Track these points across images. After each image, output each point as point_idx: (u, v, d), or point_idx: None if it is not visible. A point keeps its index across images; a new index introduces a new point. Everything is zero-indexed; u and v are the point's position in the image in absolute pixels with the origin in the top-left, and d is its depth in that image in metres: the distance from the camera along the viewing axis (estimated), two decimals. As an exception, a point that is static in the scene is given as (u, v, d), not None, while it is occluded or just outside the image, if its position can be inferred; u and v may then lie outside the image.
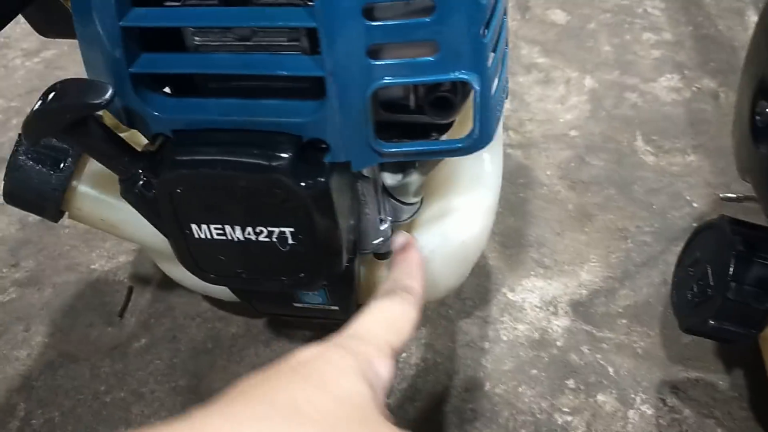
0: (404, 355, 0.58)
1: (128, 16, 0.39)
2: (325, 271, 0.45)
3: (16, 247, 0.72)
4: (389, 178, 0.49)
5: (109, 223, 0.50)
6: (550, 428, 0.52)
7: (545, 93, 0.83)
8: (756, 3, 0.94)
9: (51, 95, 0.39)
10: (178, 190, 0.41)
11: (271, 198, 0.40)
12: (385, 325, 0.37)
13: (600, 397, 0.54)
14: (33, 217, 0.75)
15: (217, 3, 0.39)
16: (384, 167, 0.48)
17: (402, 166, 0.48)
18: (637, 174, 0.72)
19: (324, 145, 0.40)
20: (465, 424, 0.53)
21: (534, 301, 0.61)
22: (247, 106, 0.41)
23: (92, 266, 0.69)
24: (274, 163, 0.40)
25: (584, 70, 0.85)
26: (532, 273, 0.64)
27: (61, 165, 0.47)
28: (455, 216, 0.51)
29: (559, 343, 0.58)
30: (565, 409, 0.53)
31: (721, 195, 0.64)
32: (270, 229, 0.42)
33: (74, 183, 0.49)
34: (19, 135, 0.48)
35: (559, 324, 0.59)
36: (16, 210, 0.74)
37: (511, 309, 0.61)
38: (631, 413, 0.53)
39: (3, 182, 0.48)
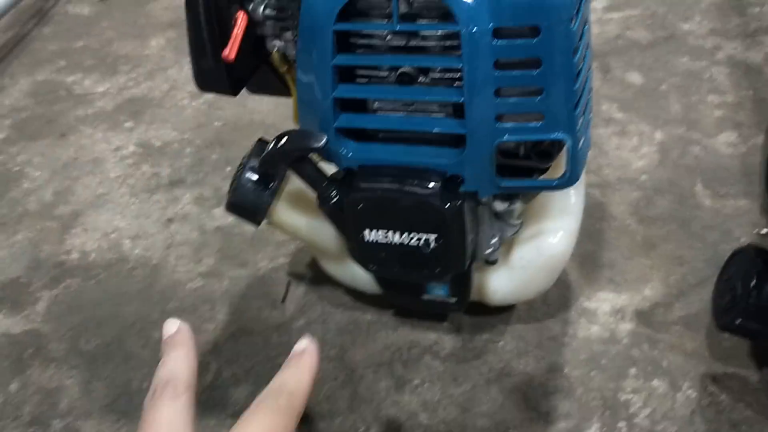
0: (500, 342, 0.76)
1: (338, 90, 0.59)
2: (453, 268, 0.63)
3: (198, 248, 0.93)
4: (499, 205, 0.66)
5: (295, 228, 0.70)
6: (615, 403, 0.68)
7: (621, 143, 1.00)
8: (812, 71, 1.08)
9: (285, 139, 0.59)
10: (359, 206, 0.61)
11: (423, 214, 0.59)
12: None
13: (655, 383, 0.69)
14: (209, 225, 0.96)
15: (394, 81, 0.59)
16: (496, 196, 0.65)
17: (509, 196, 0.66)
18: (695, 213, 0.87)
19: (460, 179, 0.59)
20: (549, 396, 0.70)
21: (605, 309, 0.78)
22: (409, 150, 0.60)
23: (258, 265, 0.89)
24: (427, 191, 0.59)
25: (655, 125, 1.01)
26: (605, 288, 0.80)
27: (270, 186, 0.68)
28: (547, 236, 0.68)
29: (624, 341, 0.74)
30: (628, 390, 0.69)
31: (756, 231, 0.79)
32: (420, 235, 0.61)
33: (276, 200, 0.70)
34: (241, 164, 0.69)
35: (625, 327, 0.75)
36: (196, 220, 0.95)
37: (586, 314, 0.77)
38: (678, 395, 0.68)
39: (229, 197, 0.68)
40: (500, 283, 0.70)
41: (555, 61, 0.54)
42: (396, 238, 0.62)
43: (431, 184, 0.59)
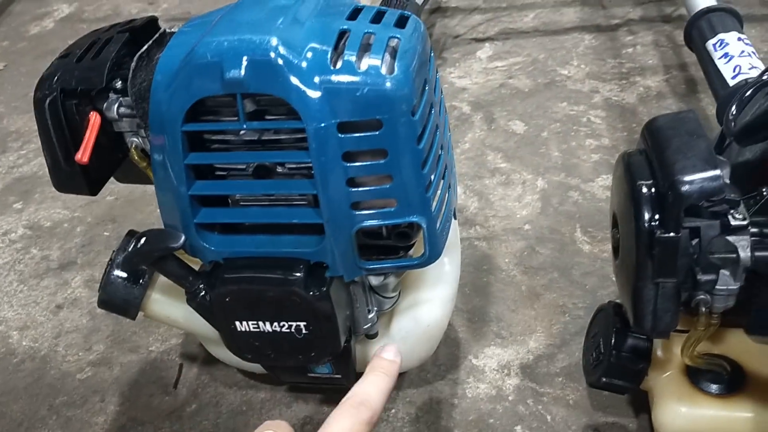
0: (392, 410, 0.76)
1: (194, 187, 0.59)
2: (328, 351, 0.63)
3: (88, 335, 0.91)
4: (374, 280, 0.67)
5: (173, 319, 0.70)
6: (502, 462, 0.70)
7: (506, 193, 1.03)
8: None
9: (143, 240, 0.59)
10: (227, 299, 0.61)
11: (290, 303, 0.60)
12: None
13: (539, 438, 0.71)
14: (101, 311, 0.94)
15: (251, 176, 0.60)
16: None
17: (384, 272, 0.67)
18: (575, 260, 0.91)
19: (325, 265, 0.60)
20: (438, 462, 0.71)
21: (493, 365, 0.79)
22: (272, 240, 0.60)
23: (150, 348, 0.88)
24: (291, 279, 0.59)
25: (537, 173, 1.05)
26: (492, 343, 0.82)
27: (141, 281, 0.67)
28: (423, 305, 0.69)
29: (510, 398, 0.76)
30: (513, 448, 0.71)
31: None
32: (290, 323, 0.61)
33: (149, 292, 0.69)
34: (110, 259, 0.68)
35: (511, 383, 0.77)
36: (86, 304, 0.93)
37: (474, 372, 0.79)
38: (561, 449, 0.70)
39: (99, 293, 0.67)
40: (383, 355, 0.71)
41: (400, 150, 0.56)
42: (267, 327, 0.62)
43: (295, 273, 0.59)
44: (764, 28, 1.31)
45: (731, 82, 0.84)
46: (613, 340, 0.61)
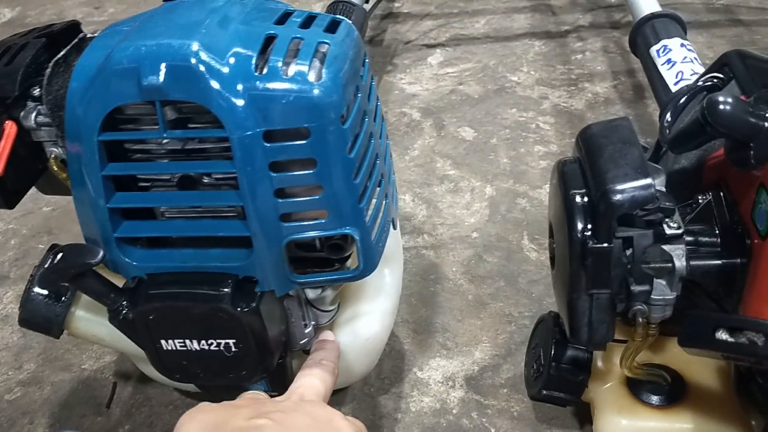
0: (334, 427, 0.74)
1: (113, 199, 0.56)
2: (260, 369, 0.61)
3: (19, 353, 0.87)
4: (311, 293, 0.65)
5: (99, 338, 0.66)
6: (445, 478, 0.68)
7: (454, 200, 1.02)
8: (628, 116, 1.14)
9: (59, 256, 0.56)
10: (151, 316, 0.58)
11: (218, 320, 0.57)
12: (321, 383, 0.57)
13: (483, 452, 0.70)
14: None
15: (176, 187, 0.57)
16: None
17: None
18: (522, 268, 0.90)
19: (254, 280, 0.57)
20: (380, 480, 0.68)
21: (437, 378, 0.78)
22: (199, 254, 0.58)
23: (83, 366, 0.84)
24: (218, 295, 0.56)
25: (486, 180, 1.04)
26: (437, 354, 0.80)
27: (63, 298, 0.64)
28: (362, 319, 0.67)
29: (454, 411, 0.74)
30: (457, 463, 0.69)
31: None
32: (218, 341, 0.58)
33: (72, 309, 0.65)
34: (31, 275, 0.64)
35: (455, 395, 0.75)
36: (15, 316, 0.89)
37: (419, 385, 0.77)
38: (506, 462, 0.69)
39: (19, 311, 0.64)
40: (321, 370, 0.68)
41: (330, 159, 0.53)
42: (195, 345, 0.59)
43: (222, 289, 0.57)
44: (710, 34, 1.33)
45: (674, 88, 0.84)
46: (552, 352, 0.60)
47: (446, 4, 1.53)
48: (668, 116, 0.56)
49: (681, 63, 0.88)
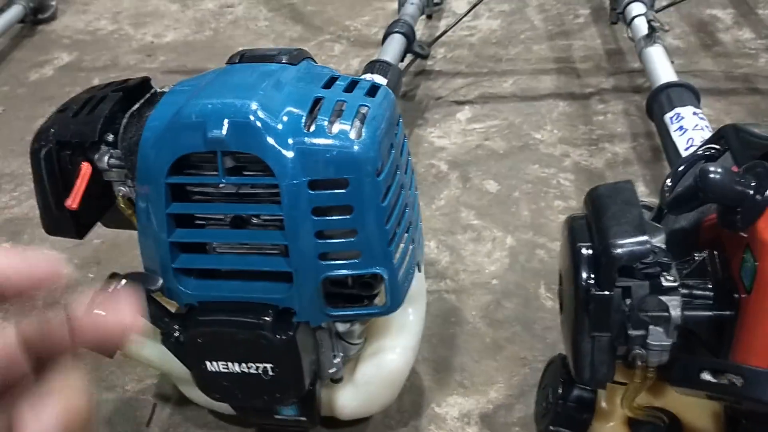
0: (356, 455, 0.80)
1: (174, 234, 0.64)
2: (293, 393, 0.67)
3: (67, 373, 0.94)
4: (340, 326, 0.72)
5: (149, 359, 0.74)
6: (457, 507, 0.73)
7: (476, 248, 1.08)
8: (645, 177, 1.21)
9: (123, 282, 0.63)
10: (200, 340, 0.65)
11: (258, 345, 0.64)
12: None
13: (493, 485, 0.75)
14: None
15: (229, 226, 0.65)
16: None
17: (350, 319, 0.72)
18: (538, 315, 0.95)
19: (293, 311, 0.64)
20: (396, 505, 0.74)
21: (454, 414, 0.83)
22: (244, 286, 0.65)
23: (126, 387, 0.91)
24: (260, 323, 0.63)
25: (507, 230, 1.11)
26: (455, 392, 0.86)
27: (121, 320, 0.71)
28: (386, 353, 0.74)
29: (468, 446, 0.79)
30: (468, 493, 0.74)
31: None
32: (257, 364, 0.65)
33: (127, 332, 0.73)
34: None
35: (470, 431, 0.81)
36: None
37: (436, 420, 0.83)
38: (514, 496, 0.73)
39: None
40: (347, 399, 0.75)
41: (365, 206, 0.61)
42: (236, 368, 0.66)
43: (264, 318, 0.64)
44: (728, 101, 1.39)
45: (684, 154, 0.91)
46: (560, 391, 0.65)
47: (476, 64, 1.62)
48: (668, 182, 0.62)
49: (692, 130, 0.95)
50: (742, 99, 1.40)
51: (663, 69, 1.13)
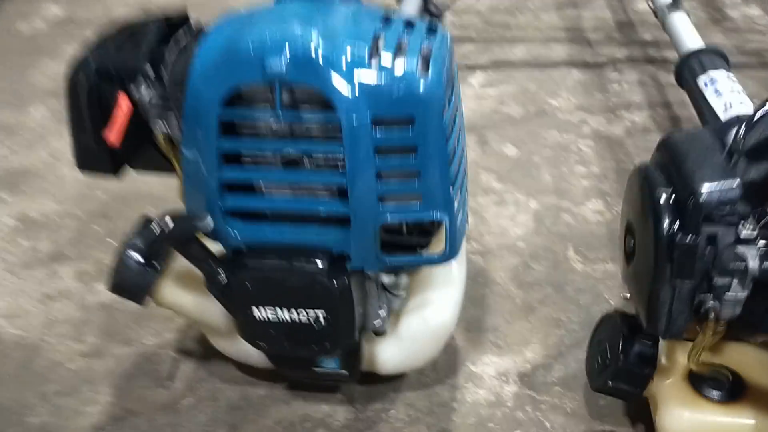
0: (391, 411, 0.77)
1: (225, 172, 0.60)
2: (342, 343, 0.64)
3: (79, 326, 0.89)
4: (386, 278, 0.69)
5: (183, 308, 0.70)
6: (501, 465, 0.71)
7: (500, 212, 1.06)
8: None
9: (171, 224, 0.59)
10: (248, 284, 0.61)
11: (312, 291, 0.61)
12: None
13: (539, 444, 0.73)
14: (91, 300, 0.93)
15: (280, 164, 0.61)
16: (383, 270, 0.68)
17: (395, 270, 0.69)
18: (568, 277, 0.94)
19: (347, 257, 0.61)
20: (438, 463, 0.72)
21: (491, 372, 0.81)
22: (296, 230, 0.62)
23: (143, 341, 0.87)
24: (315, 268, 0.60)
25: (529, 194, 1.09)
26: (489, 351, 0.84)
27: (155, 265, 0.67)
28: (432, 306, 0.71)
29: (509, 404, 0.77)
30: (514, 452, 0.72)
31: (622, 295, 0.86)
32: (309, 312, 0.62)
33: (162, 278, 0.69)
34: (124, 242, 0.68)
35: (510, 390, 0.79)
36: (78, 297, 0.92)
37: (473, 378, 0.81)
38: (562, 454, 0.72)
39: (112, 278, 0.67)
40: (390, 353, 0.72)
41: (430, 147, 0.58)
42: (285, 315, 0.62)
43: (319, 263, 0.60)
44: (742, 75, 1.38)
45: (723, 116, 0.89)
46: (620, 347, 0.64)
47: (486, 31, 1.59)
48: (741, 130, 0.60)
49: (729, 93, 0.93)
50: (756, 73, 1.40)
51: (690, 35, 1.11)
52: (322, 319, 0.62)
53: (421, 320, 0.71)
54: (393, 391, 0.79)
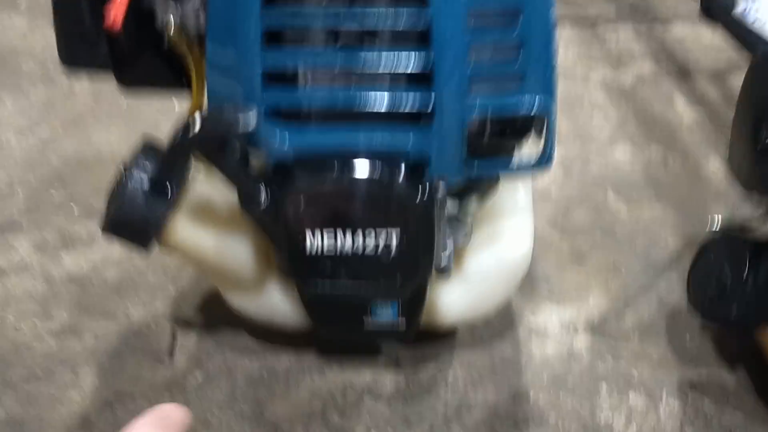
0: (450, 372, 0.64)
1: (266, 57, 0.46)
2: (417, 275, 0.51)
3: (45, 302, 0.73)
4: (451, 207, 0.56)
5: (200, 249, 0.55)
6: (596, 425, 0.59)
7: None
8: (681, 90, 1.12)
9: (202, 121, 0.45)
10: (302, 203, 0.47)
11: (386, 207, 0.47)
12: None
13: (632, 397, 0.62)
14: (58, 273, 0.76)
15: (340, 46, 0.48)
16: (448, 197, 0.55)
17: (461, 195, 0.56)
18: (615, 222, 0.83)
19: (425, 164, 0.48)
20: (520, 427, 0.59)
21: (554, 324, 0.69)
22: (360, 132, 0.48)
23: (130, 314, 0.71)
24: (391, 180, 0.47)
25: (552, 141, 0.98)
26: (547, 301, 0.72)
27: (168, 195, 0.52)
28: (506, 238, 0.59)
29: (585, 357, 0.66)
30: (605, 409, 0.61)
31: (713, 217, 0.77)
32: (379, 236, 0.49)
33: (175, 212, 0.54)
34: (124, 167, 0.53)
35: (581, 341, 0.67)
36: (39, 267, 0.75)
37: (536, 331, 0.69)
38: (661, 408, 0.61)
39: (111, 212, 0.52)
40: (454, 299, 0.59)
41: (536, 12, 0.46)
42: (347, 243, 0.49)
43: (395, 171, 0.47)
44: None
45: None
46: (746, 270, 0.53)
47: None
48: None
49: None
50: None
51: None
52: (395, 244, 0.49)
53: (493, 256, 0.58)
54: (446, 351, 0.66)
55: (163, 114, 1.09)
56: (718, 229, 0.64)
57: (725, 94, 1.13)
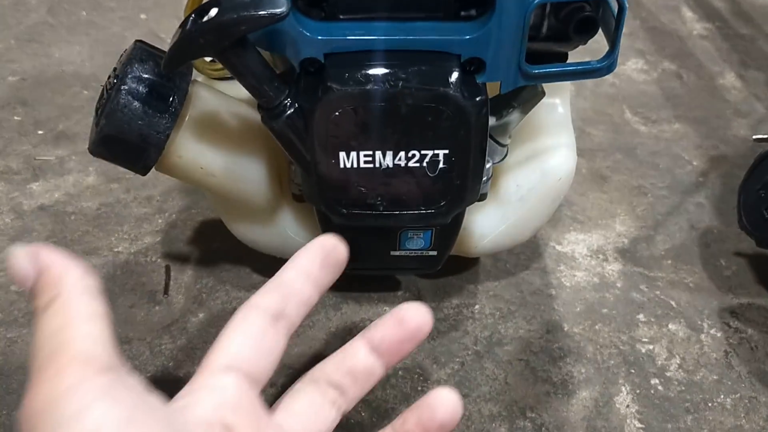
0: (476, 306, 0.59)
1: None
2: (467, 199, 0.45)
3: (16, 237, 0.65)
4: (492, 120, 0.50)
5: (208, 172, 0.47)
6: (636, 357, 0.55)
7: (529, 77, 0.88)
8: (687, 1, 1.06)
9: (221, 6, 0.37)
10: (336, 115, 0.40)
11: (435, 118, 0.41)
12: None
13: (672, 326, 0.58)
14: (29, 205, 0.68)
15: None
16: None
17: (500, 108, 0.50)
18: (635, 140, 0.78)
19: (478, 66, 0.41)
20: (557, 361, 0.55)
21: (582, 251, 0.65)
22: (400, 27, 0.41)
23: (115, 249, 0.64)
24: (442, 82, 0.40)
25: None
26: (572, 228, 0.67)
27: (170, 107, 0.44)
28: (551, 155, 0.53)
29: (618, 285, 0.61)
30: (645, 340, 0.57)
31: (754, 137, 0.72)
32: (423, 152, 0.42)
33: (178, 126, 0.46)
34: (118, 75, 0.44)
35: (613, 268, 0.63)
36: (6, 199, 0.67)
37: (564, 259, 0.64)
38: (703, 337, 0.57)
39: (100, 126, 0.44)
40: (490, 224, 0.54)
41: None
42: (387, 160, 0.42)
43: (445, 73, 0.40)
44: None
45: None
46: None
47: None
48: None
49: None
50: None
51: None
52: (442, 163, 0.42)
53: (536, 174, 0.53)
54: (469, 283, 0.61)
55: (128, 24, 0.98)
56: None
57: (731, 3, 1.07)
